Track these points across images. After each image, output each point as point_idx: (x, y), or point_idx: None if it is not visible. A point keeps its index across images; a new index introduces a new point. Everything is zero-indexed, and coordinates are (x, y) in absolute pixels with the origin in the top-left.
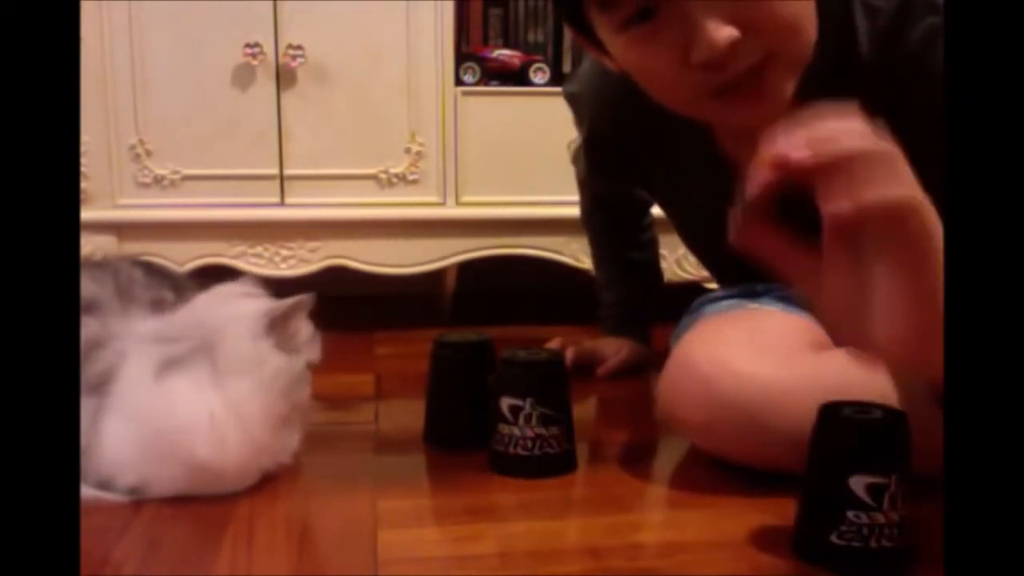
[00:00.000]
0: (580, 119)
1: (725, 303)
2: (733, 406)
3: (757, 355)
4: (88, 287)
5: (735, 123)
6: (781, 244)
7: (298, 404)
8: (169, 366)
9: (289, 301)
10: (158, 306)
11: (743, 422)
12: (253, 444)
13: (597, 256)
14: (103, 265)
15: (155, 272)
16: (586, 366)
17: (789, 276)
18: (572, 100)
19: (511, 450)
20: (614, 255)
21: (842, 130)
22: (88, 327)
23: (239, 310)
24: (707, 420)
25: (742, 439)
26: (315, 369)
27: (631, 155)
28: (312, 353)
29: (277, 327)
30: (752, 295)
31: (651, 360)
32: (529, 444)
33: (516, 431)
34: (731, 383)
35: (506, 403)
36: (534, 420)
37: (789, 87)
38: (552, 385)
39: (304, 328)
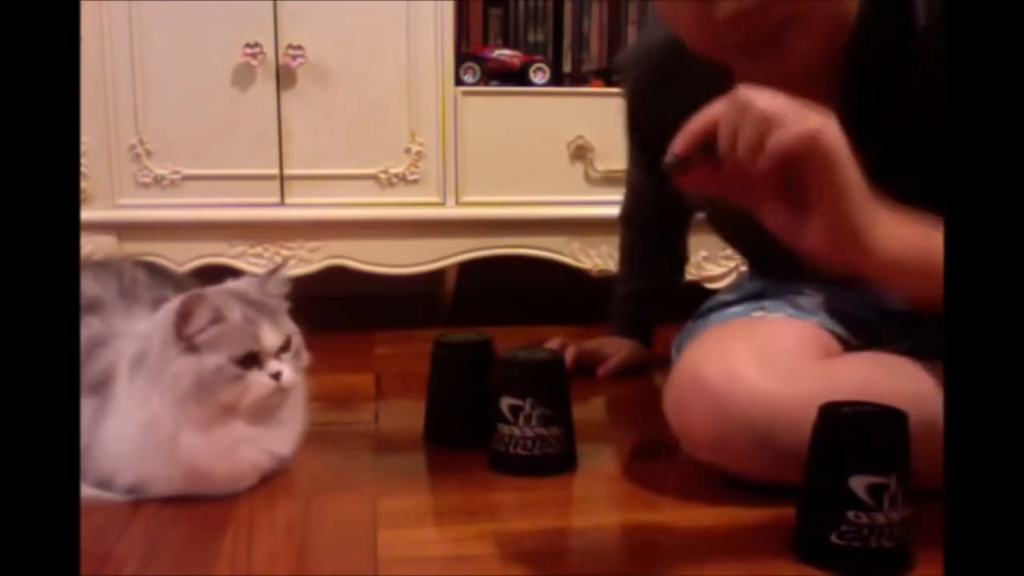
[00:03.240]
0: (624, 89)
1: (731, 311)
2: (745, 422)
3: (766, 368)
4: (91, 286)
5: (756, 77)
6: (716, 179)
7: (227, 406)
8: (135, 366)
9: (181, 297)
10: (160, 306)
11: (755, 438)
12: (179, 450)
13: (622, 250)
14: (107, 265)
15: (158, 272)
16: (587, 366)
17: (732, 200)
18: (619, 69)
19: (511, 450)
20: (639, 252)
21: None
22: (90, 326)
23: (161, 315)
24: (718, 436)
25: (754, 455)
26: (315, 369)
27: (667, 126)
28: (239, 347)
29: (180, 327)
30: (759, 297)
31: (651, 362)
32: (529, 444)
33: (516, 431)
34: (743, 399)
35: (506, 403)
36: (534, 420)
37: (813, 49)
38: (552, 385)
39: (227, 325)
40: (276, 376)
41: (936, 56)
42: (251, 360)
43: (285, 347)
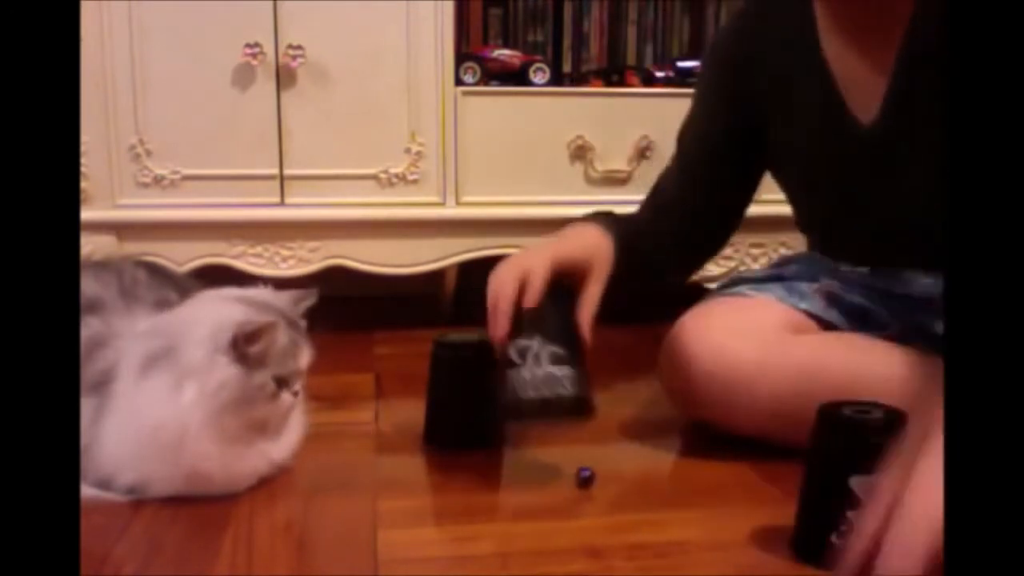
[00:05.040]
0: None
1: (737, 288)
2: (706, 375)
3: (737, 336)
4: (91, 287)
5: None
6: None
7: (257, 422)
8: (150, 363)
9: (261, 321)
10: (162, 307)
11: (714, 389)
12: (189, 453)
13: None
14: (107, 265)
15: (159, 273)
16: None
17: None
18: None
19: (521, 395)
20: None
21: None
22: (90, 326)
23: (210, 315)
24: (689, 389)
25: (718, 407)
26: (315, 369)
27: (751, 73)
28: (283, 367)
29: (241, 344)
30: (772, 280)
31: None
32: (539, 385)
33: (525, 373)
34: (709, 358)
35: (514, 348)
36: (544, 359)
37: None
38: (561, 321)
39: (277, 345)
40: (296, 393)
41: None
42: (284, 379)
43: None
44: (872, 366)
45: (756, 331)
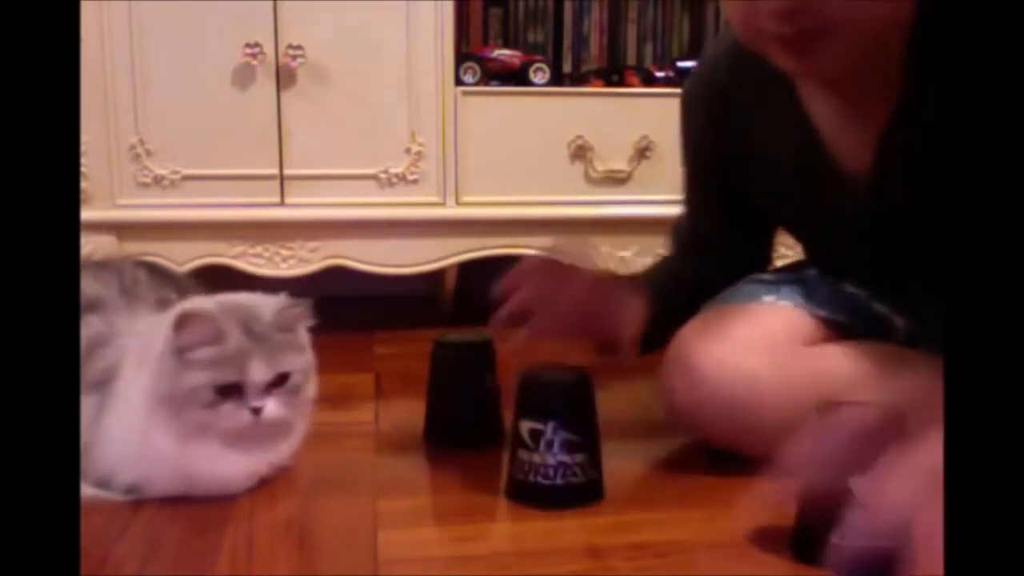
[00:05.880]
0: (691, 86)
1: (747, 288)
2: (715, 395)
3: (747, 350)
4: (92, 286)
5: (784, 68)
6: None
7: (202, 424)
8: (140, 361)
9: (180, 307)
10: (163, 306)
11: (724, 410)
12: (150, 450)
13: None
14: (107, 265)
15: (159, 273)
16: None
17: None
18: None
19: (531, 478)
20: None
21: None
22: (91, 326)
23: (166, 316)
24: (693, 405)
25: (723, 425)
26: (315, 369)
27: (730, 112)
28: (226, 375)
29: (173, 333)
30: (790, 283)
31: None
32: (551, 472)
33: (536, 458)
34: (715, 375)
35: (526, 427)
36: (556, 446)
37: (844, 56)
38: (577, 407)
39: (218, 349)
40: (256, 411)
41: None
42: (234, 390)
43: (279, 382)
44: (891, 381)
45: (768, 344)
